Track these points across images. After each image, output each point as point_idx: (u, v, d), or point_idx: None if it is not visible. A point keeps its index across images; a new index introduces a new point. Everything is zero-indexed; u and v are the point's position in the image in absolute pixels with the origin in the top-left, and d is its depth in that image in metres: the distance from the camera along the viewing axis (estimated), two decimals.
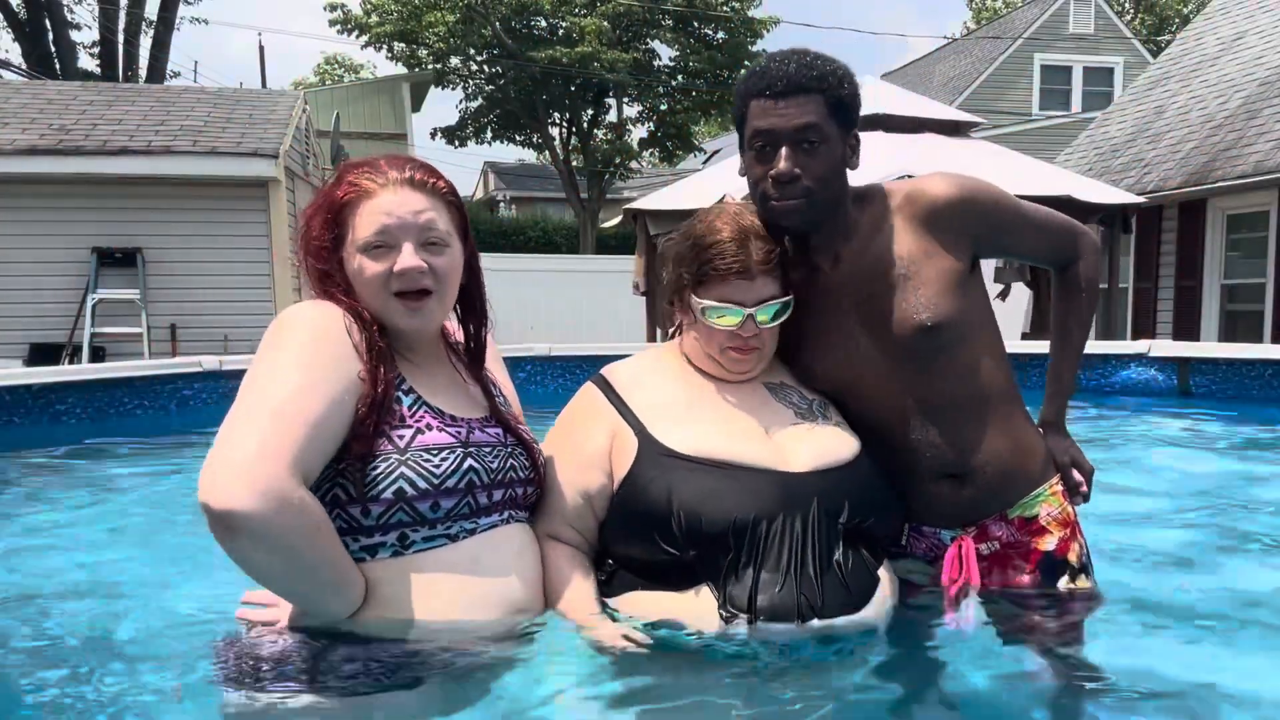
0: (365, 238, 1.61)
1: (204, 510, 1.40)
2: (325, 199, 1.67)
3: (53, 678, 1.81)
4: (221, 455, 1.43)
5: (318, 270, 1.66)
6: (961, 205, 1.83)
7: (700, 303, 1.77)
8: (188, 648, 1.86)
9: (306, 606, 1.57)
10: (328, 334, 1.56)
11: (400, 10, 21.42)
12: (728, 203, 1.89)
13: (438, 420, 1.63)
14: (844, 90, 1.77)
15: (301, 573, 1.49)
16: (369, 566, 1.57)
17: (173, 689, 1.71)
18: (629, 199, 15.44)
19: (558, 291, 13.23)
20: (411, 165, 1.68)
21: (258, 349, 1.58)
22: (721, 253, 1.76)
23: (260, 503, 1.38)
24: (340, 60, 40.66)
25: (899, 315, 1.82)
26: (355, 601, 1.55)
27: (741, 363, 1.81)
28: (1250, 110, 10.90)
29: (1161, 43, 25.56)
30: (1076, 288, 2.02)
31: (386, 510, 1.55)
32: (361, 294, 1.63)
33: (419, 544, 1.58)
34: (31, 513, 3.49)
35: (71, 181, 9.35)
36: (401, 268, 1.60)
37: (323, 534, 1.48)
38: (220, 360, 5.79)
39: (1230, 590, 2.36)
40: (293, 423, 1.45)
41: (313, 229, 1.66)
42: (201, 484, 1.40)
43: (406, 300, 1.63)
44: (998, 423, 1.90)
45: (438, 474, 1.57)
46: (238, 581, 1.65)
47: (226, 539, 1.42)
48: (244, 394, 1.52)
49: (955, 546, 1.90)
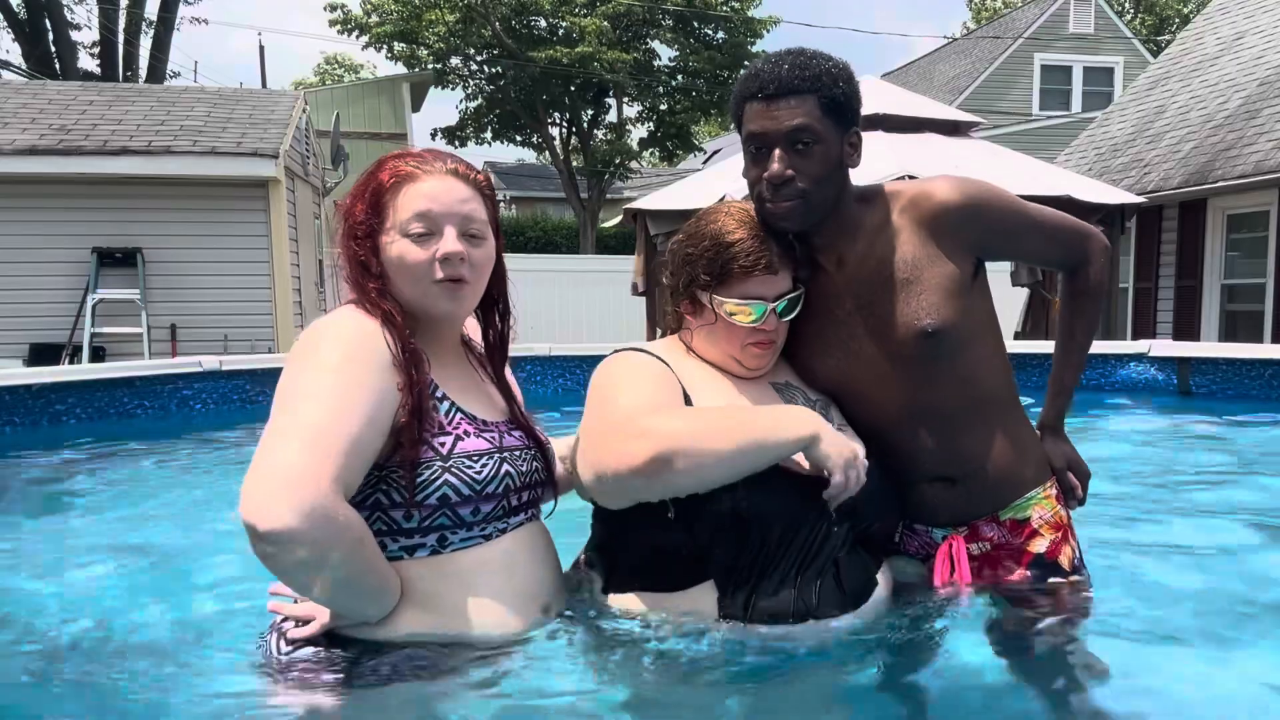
0: (407, 220, 1.60)
1: (248, 529, 1.40)
2: (366, 184, 1.66)
3: (71, 681, 1.82)
4: (264, 474, 1.42)
5: (357, 258, 1.64)
6: (968, 210, 1.82)
7: (724, 301, 1.77)
8: (214, 644, 1.87)
9: (345, 613, 1.58)
10: (365, 346, 1.55)
11: (400, 10, 21.42)
12: (730, 202, 1.89)
13: (472, 426, 1.65)
14: (839, 89, 1.76)
15: (344, 584, 1.50)
16: (405, 565, 1.59)
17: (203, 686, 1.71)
18: (629, 199, 15.46)
19: (558, 291, 13.23)
20: (453, 158, 1.69)
21: (291, 358, 1.57)
22: (746, 250, 1.76)
23: (305, 522, 1.38)
24: (340, 60, 40.69)
25: (901, 319, 1.81)
26: (392, 604, 1.57)
27: (762, 358, 1.81)
28: (1250, 110, 10.90)
29: (1161, 43, 25.56)
30: (1085, 291, 2.01)
31: (430, 515, 1.58)
32: (399, 280, 1.62)
33: (455, 544, 1.61)
34: (31, 513, 3.49)
35: (71, 181, 9.35)
36: (445, 252, 1.60)
37: (365, 546, 1.50)
38: (220, 360, 5.79)
39: (1229, 589, 2.36)
40: (334, 440, 1.45)
41: (355, 214, 1.64)
42: (244, 503, 1.39)
43: (446, 285, 1.63)
44: (995, 427, 1.90)
45: (479, 480, 1.60)
46: (246, 579, 1.65)
47: (271, 557, 1.42)
48: (282, 409, 1.50)
49: (946, 546, 1.90)
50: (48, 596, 2.42)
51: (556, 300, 13.02)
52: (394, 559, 1.58)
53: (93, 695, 1.75)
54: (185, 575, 2.60)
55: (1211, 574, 2.52)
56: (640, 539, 1.73)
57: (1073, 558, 1.95)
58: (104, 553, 2.90)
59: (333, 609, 1.57)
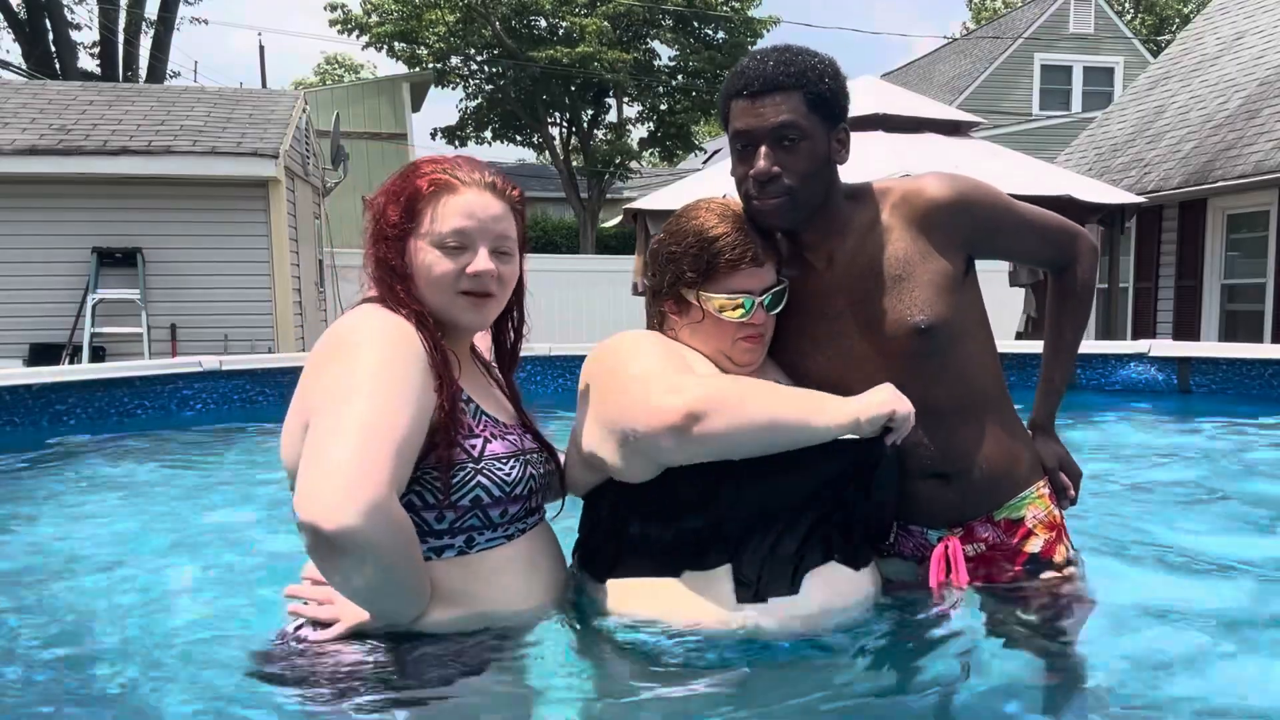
0: (443, 233, 1.62)
1: (308, 531, 1.40)
2: (402, 187, 1.66)
3: (75, 682, 1.81)
4: (321, 475, 1.41)
5: (388, 260, 1.64)
6: (958, 206, 1.82)
7: (711, 298, 1.77)
8: (217, 643, 1.87)
9: (385, 616, 1.58)
10: (404, 344, 1.55)
11: (400, 10, 21.41)
12: (709, 198, 1.88)
13: (496, 429, 1.67)
14: (825, 85, 1.75)
15: (393, 584, 1.52)
16: (433, 565, 1.61)
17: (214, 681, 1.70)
18: (629, 199, 15.46)
19: (557, 291, 13.21)
20: (490, 169, 1.70)
21: (324, 355, 1.57)
22: (731, 244, 1.76)
23: (367, 521, 1.38)
24: (340, 60, 40.68)
25: (892, 316, 1.81)
26: (425, 606, 1.59)
27: (752, 352, 1.82)
28: (1250, 110, 10.90)
29: (1161, 43, 25.56)
30: (1072, 290, 2.01)
31: (461, 516, 1.60)
32: (424, 287, 1.64)
33: (481, 544, 1.64)
34: (31, 513, 3.49)
35: (71, 181, 9.35)
36: (476, 270, 1.63)
37: (414, 546, 1.53)
38: (220, 360, 5.78)
39: (1229, 589, 2.36)
40: (386, 439, 1.45)
41: (389, 216, 1.64)
42: (305, 505, 1.40)
43: (471, 297, 1.65)
44: (987, 425, 1.90)
45: (509, 481, 1.63)
46: (247, 579, 1.65)
47: (330, 558, 1.43)
48: (326, 410, 1.49)
49: (941, 547, 1.90)
50: (48, 597, 2.42)
51: (556, 300, 13.00)
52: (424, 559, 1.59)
53: (98, 696, 1.74)
54: (184, 575, 2.60)
55: (1211, 573, 2.52)
56: (644, 527, 1.72)
57: (1067, 556, 1.96)
58: (104, 553, 2.90)
59: (372, 610, 1.58)
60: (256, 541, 2.95)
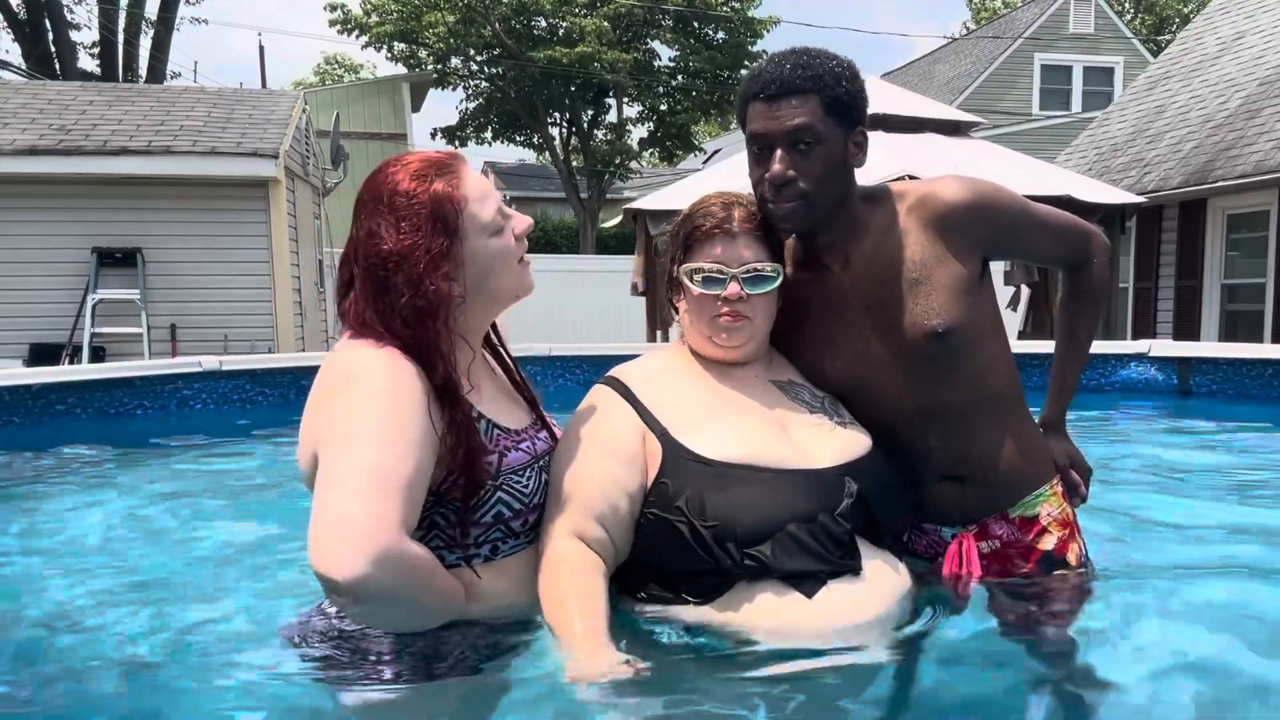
0: (490, 217, 1.65)
1: (322, 580, 1.42)
2: (418, 213, 1.57)
3: (81, 685, 1.82)
4: (330, 525, 1.42)
5: (449, 296, 1.58)
6: (975, 210, 1.82)
7: (688, 269, 1.78)
8: (221, 641, 1.88)
9: (419, 628, 1.61)
10: (404, 384, 1.53)
11: (400, 10, 21.43)
12: (722, 190, 1.90)
13: (509, 440, 1.67)
14: (842, 88, 1.75)
15: (419, 613, 1.56)
16: (462, 571, 1.63)
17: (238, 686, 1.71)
18: (629, 199, 15.46)
19: (557, 291, 13.21)
20: (449, 151, 1.76)
21: (325, 392, 1.56)
22: (707, 214, 1.78)
23: (380, 569, 1.39)
24: (340, 60, 40.72)
25: (910, 320, 1.81)
26: (461, 608, 1.61)
27: (733, 332, 1.77)
28: (1250, 110, 10.90)
29: (1161, 43, 25.56)
30: (1087, 290, 2.01)
31: (485, 531, 1.64)
32: (491, 279, 1.66)
33: (506, 551, 1.68)
34: (30, 513, 3.49)
35: (71, 181, 9.35)
36: (521, 230, 1.71)
37: (437, 577, 1.55)
38: (220, 360, 5.78)
39: (1229, 589, 2.36)
40: (394, 482, 1.45)
41: (432, 248, 1.56)
42: (317, 555, 1.40)
43: (526, 263, 1.73)
44: (1002, 425, 1.91)
45: (527, 493, 1.67)
46: (247, 579, 1.65)
47: (350, 605, 1.45)
48: (334, 455, 1.47)
49: (956, 544, 1.91)
50: (47, 596, 2.42)
51: (556, 300, 13.00)
52: (454, 567, 1.62)
53: (105, 697, 1.75)
54: (185, 575, 2.60)
55: (1212, 573, 2.52)
56: (647, 562, 1.73)
57: (1079, 554, 1.96)
58: (104, 553, 2.90)
59: (405, 629, 1.61)
60: (256, 539, 2.95)
